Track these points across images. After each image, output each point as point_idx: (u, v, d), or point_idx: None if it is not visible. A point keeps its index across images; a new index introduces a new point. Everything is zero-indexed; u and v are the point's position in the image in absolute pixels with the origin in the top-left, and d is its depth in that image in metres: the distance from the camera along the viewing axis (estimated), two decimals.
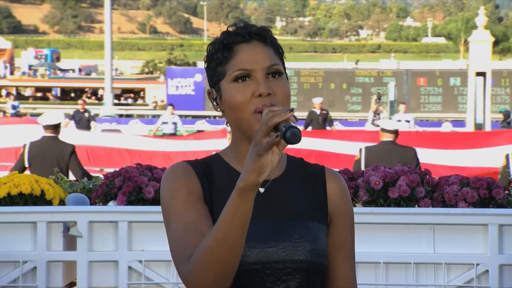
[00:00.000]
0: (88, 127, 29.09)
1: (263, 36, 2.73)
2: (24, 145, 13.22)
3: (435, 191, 4.87)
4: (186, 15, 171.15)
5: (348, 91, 47.99)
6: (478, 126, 33.12)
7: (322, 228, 2.72)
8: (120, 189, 5.20)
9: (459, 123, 38.68)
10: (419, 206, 4.81)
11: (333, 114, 44.24)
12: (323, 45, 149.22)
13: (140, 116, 45.07)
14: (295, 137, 2.41)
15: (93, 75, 75.32)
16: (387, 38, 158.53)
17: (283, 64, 2.80)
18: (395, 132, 12.57)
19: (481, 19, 32.91)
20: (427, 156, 15.96)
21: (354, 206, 4.81)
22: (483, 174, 14.67)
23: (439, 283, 4.71)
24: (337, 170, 5.14)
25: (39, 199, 4.89)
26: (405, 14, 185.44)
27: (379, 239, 4.76)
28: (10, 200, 4.91)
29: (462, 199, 4.74)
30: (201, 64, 72.70)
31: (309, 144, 16.56)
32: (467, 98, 35.39)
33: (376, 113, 31.65)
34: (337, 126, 34.77)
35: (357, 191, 4.89)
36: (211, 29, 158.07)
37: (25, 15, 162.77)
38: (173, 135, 26.82)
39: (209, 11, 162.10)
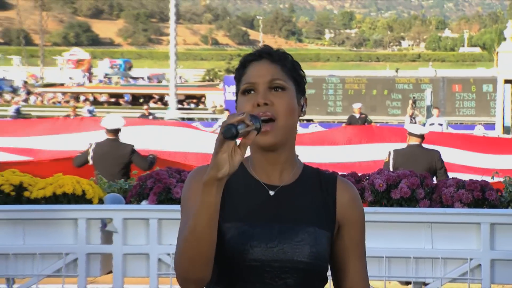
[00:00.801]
0: None
1: (272, 55, 2.75)
2: (90, 144, 13.40)
3: (434, 192, 4.85)
4: (244, 28, 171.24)
5: (389, 97, 47.57)
6: (506, 129, 32.84)
7: (323, 234, 2.73)
8: (151, 190, 5.23)
9: (491, 126, 38.21)
10: (419, 206, 4.80)
11: (374, 118, 44.10)
12: (367, 55, 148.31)
13: (201, 120, 45.21)
14: (227, 132, 2.46)
15: (163, 82, 75.59)
16: (427, 48, 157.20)
17: (297, 81, 2.80)
18: (421, 136, 12.46)
19: (510, 31, 32.54)
20: (453, 155, 15.77)
21: (370, 205, 4.89)
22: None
23: (436, 276, 4.69)
24: (345, 173, 5.16)
25: (81, 198, 4.95)
26: (444, 26, 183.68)
27: (382, 236, 4.75)
28: (55, 199, 4.95)
29: (458, 200, 4.73)
30: None
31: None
32: (496, 104, 35.09)
33: (412, 117, 31.39)
34: None
35: (363, 192, 4.88)
36: (266, 41, 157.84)
37: (102, 29, 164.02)
38: None
39: (265, 24, 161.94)
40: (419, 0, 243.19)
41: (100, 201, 5.02)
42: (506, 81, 32.25)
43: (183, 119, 44.83)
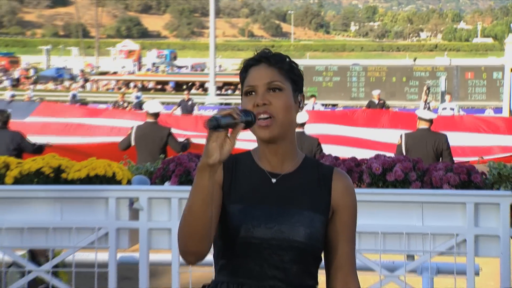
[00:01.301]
0: (191, 112, 29.59)
1: (269, 59, 2.81)
2: (132, 127, 13.46)
3: (425, 175, 4.84)
4: (277, 22, 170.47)
5: (407, 84, 47.28)
6: None
7: (318, 217, 2.79)
8: (173, 172, 5.25)
9: (500, 109, 37.96)
10: (411, 188, 4.81)
11: (393, 103, 43.82)
12: (389, 45, 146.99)
13: (237, 104, 45.13)
14: (209, 123, 2.57)
15: (205, 70, 75.44)
16: (443, 39, 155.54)
17: (294, 80, 2.86)
18: (430, 121, 12.39)
19: None
20: (458, 137, 15.58)
21: (359, 187, 4.86)
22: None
23: (426, 249, 4.69)
24: (347, 158, 5.17)
25: (111, 180, 4.99)
26: (459, 19, 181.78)
27: (378, 214, 4.75)
28: (89, 180, 5.00)
29: (446, 182, 4.73)
30: None
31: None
32: (504, 89, 34.79)
33: (426, 102, 31.20)
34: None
35: (361, 175, 4.88)
36: (297, 33, 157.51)
37: (151, 23, 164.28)
38: None
39: (296, 18, 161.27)
40: None
41: (128, 182, 5.06)
42: None
43: (221, 103, 44.80)
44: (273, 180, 2.83)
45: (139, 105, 37.56)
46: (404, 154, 12.46)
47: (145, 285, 4.91)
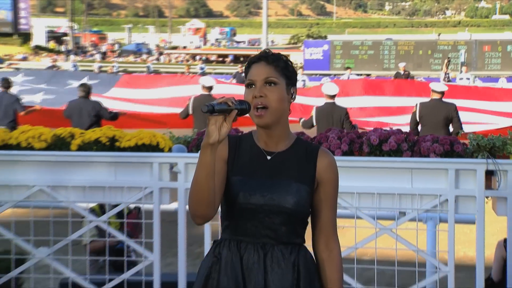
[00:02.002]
0: (243, 82, 28.92)
1: (267, 58, 2.86)
2: (190, 99, 13.50)
3: (415, 146, 4.83)
4: (322, 2, 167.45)
5: (432, 56, 46.55)
6: None
7: (304, 188, 2.86)
8: None
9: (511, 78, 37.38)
10: (403, 156, 4.80)
11: (419, 73, 43.25)
12: (418, 22, 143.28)
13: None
14: (204, 107, 2.65)
15: (262, 45, 75.36)
16: (466, 16, 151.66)
17: (288, 76, 2.90)
18: (442, 93, 12.24)
19: None
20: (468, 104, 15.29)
21: (360, 155, 4.87)
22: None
23: (414, 207, 4.70)
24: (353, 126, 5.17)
25: (155, 148, 5.07)
26: None
27: (375, 178, 4.77)
28: (137, 148, 5.09)
29: (432, 151, 4.72)
30: (330, 38, 72.29)
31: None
32: None
33: (446, 73, 30.80)
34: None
35: (362, 145, 4.87)
36: (339, 12, 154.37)
37: (215, 4, 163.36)
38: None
39: None
40: None
41: (170, 150, 5.13)
42: None
43: None
44: (268, 157, 2.90)
45: (203, 75, 37.79)
46: (418, 120, 12.37)
47: (182, 231, 4.98)
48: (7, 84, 13.99)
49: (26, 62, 48.55)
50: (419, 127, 12.40)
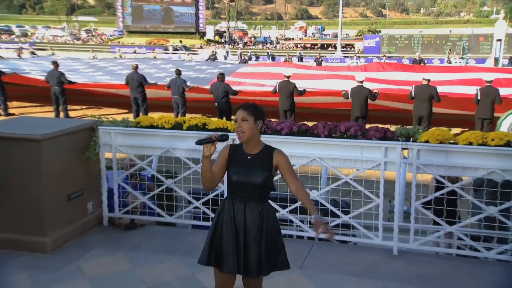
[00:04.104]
0: (320, 64, 27.25)
1: (245, 106, 2.91)
2: (277, 82, 13.53)
3: (365, 133, 4.79)
4: (379, 8, 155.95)
5: (445, 45, 44.29)
6: None
7: (266, 173, 2.89)
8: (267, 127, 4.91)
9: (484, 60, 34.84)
10: (358, 139, 4.75)
11: (436, 55, 40.66)
12: (441, 20, 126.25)
13: (351, 57, 42.92)
14: (196, 141, 2.84)
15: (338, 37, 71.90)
16: (473, 16, 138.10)
17: (256, 115, 2.88)
18: (428, 80, 12.02)
19: None
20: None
21: (336, 138, 4.80)
22: None
23: (363, 167, 4.68)
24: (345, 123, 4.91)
25: (227, 131, 4.94)
26: (484, 4, 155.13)
27: (344, 150, 4.73)
28: (216, 130, 4.98)
29: (374, 136, 4.74)
30: (382, 32, 68.06)
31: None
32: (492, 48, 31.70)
33: (448, 57, 29.26)
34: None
35: (336, 132, 4.86)
36: (390, 14, 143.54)
37: (313, 10, 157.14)
38: None
39: (389, 5, 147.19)
40: None
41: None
42: None
43: (345, 56, 43.17)
44: (248, 157, 2.95)
45: (300, 59, 37.03)
46: (413, 96, 12.14)
47: None
48: (179, 72, 14.53)
49: (202, 50, 49.65)
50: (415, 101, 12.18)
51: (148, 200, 5.16)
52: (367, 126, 5.02)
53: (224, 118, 13.33)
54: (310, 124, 5.07)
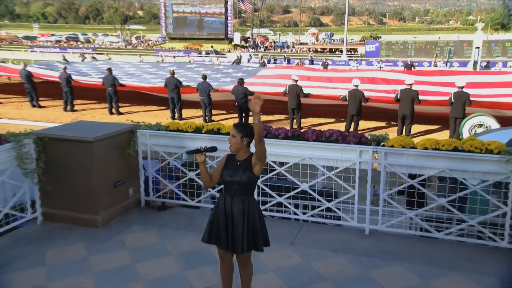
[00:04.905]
0: (326, 67, 26.08)
1: (237, 125, 2.87)
2: (287, 85, 13.39)
3: (345, 138, 4.78)
4: (380, 17, 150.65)
5: (434, 50, 42.95)
6: None
7: (248, 173, 2.86)
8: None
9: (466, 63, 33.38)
10: (339, 143, 4.71)
11: (426, 59, 39.49)
12: (433, 28, 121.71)
13: (355, 60, 42.81)
14: (186, 152, 2.85)
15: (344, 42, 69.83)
16: (460, 24, 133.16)
17: (243, 133, 2.84)
18: (411, 84, 11.94)
19: None
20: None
21: (322, 142, 4.74)
22: None
23: (344, 166, 4.63)
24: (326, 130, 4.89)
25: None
26: (470, 13, 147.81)
27: (328, 152, 4.69)
28: (227, 134, 4.90)
29: (351, 141, 4.72)
30: (382, 38, 66.17)
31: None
32: (472, 52, 30.64)
33: (434, 62, 28.52)
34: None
35: (323, 136, 4.83)
36: (389, 22, 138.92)
37: (324, 19, 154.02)
38: None
39: (389, 15, 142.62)
40: None
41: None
42: None
43: (350, 59, 42.34)
44: (238, 163, 2.93)
45: (311, 62, 36.53)
46: (399, 98, 12.13)
47: None
48: (205, 77, 14.60)
49: (229, 53, 49.56)
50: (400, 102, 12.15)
51: (175, 187, 5.26)
52: (360, 123, 4.90)
53: (243, 115, 13.68)
54: (312, 121, 4.97)
